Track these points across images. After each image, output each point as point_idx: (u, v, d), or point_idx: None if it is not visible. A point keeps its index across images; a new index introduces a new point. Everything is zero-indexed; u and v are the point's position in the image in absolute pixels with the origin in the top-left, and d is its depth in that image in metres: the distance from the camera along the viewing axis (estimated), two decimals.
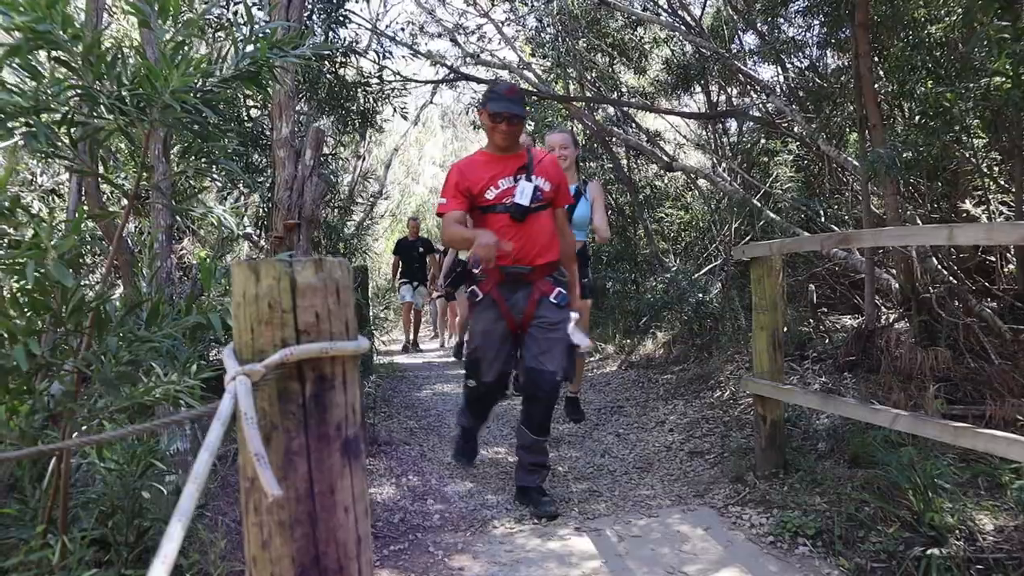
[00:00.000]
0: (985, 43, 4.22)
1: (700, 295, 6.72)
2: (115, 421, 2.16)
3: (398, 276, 11.47)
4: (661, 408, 5.56)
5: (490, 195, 3.52)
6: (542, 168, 3.62)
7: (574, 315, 3.67)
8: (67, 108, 1.77)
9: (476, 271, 3.37)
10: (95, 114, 1.86)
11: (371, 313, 8.33)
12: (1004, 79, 4.16)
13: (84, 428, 1.94)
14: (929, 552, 2.73)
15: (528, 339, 3.57)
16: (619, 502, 3.72)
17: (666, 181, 9.92)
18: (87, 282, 5.69)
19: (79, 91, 1.76)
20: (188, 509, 0.73)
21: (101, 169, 2.01)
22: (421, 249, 11.14)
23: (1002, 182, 5.45)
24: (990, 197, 5.45)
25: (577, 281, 3.87)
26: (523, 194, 3.50)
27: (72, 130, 1.82)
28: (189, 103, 1.78)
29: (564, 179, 3.76)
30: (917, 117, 5.18)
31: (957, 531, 2.83)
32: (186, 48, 1.82)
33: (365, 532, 0.99)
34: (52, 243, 1.57)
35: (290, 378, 0.92)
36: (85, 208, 4.24)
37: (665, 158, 8.69)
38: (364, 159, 12.07)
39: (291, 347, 0.90)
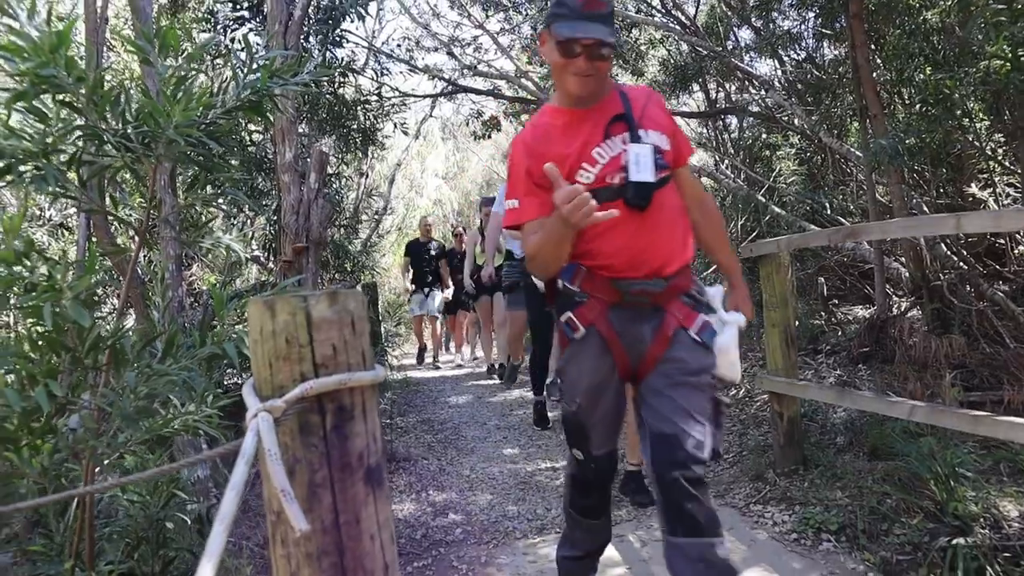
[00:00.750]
0: (983, 26, 4.21)
1: None
2: (135, 454, 2.18)
3: (408, 280, 10.42)
4: None
5: (586, 177, 2.16)
6: (649, 113, 2.26)
7: (738, 318, 2.34)
8: (74, 148, 1.80)
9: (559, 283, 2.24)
10: (101, 152, 1.88)
11: (383, 329, 8.36)
12: (1003, 62, 4.15)
13: (106, 463, 1.95)
14: (955, 542, 2.72)
15: (651, 392, 2.20)
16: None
17: None
18: (100, 314, 5.73)
19: (85, 131, 1.79)
20: (218, 549, 0.74)
21: (109, 203, 2.04)
22: (433, 252, 10.06)
23: (1007, 163, 5.44)
24: (996, 179, 5.43)
25: (740, 274, 2.56)
26: (639, 164, 2.14)
27: (80, 169, 1.85)
28: (193, 136, 1.80)
29: (673, 119, 2.37)
30: (918, 104, 5.17)
31: (982, 519, 2.82)
32: (187, 82, 1.84)
33: (392, 558, 1.00)
34: (67, 283, 1.59)
35: (310, 411, 0.93)
36: (95, 242, 4.28)
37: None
38: (367, 176, 12.11)
39: (310, 381, 0.91)
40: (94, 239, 4.26)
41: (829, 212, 6.65)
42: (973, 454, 3.24)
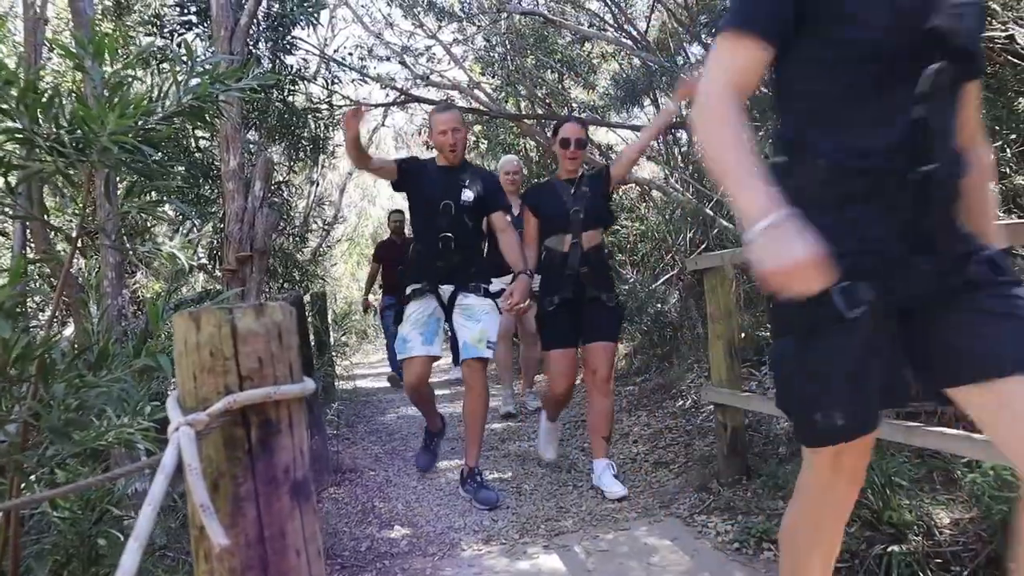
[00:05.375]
0: None
1: (659, 305, 6.79)
2: (66, 468, 2.12)
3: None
4: (625, 420, 5.59)
5: None
6: None
7: None
8: (2, 153, 1.75)
9: None
10: (32, 156, 1.83)
11: (331, 339, 8.25)
12: None
13: (33, 478, 1.89)
14: (890, 549, 2.79)
15: None
16: (586, 517, 3.73)
17: (620, 193, 10.02)
18: (37, 322, 5.56)
19: (14, 134, 1.74)
20: (132, 567, 0.72)
21: (47, 207, 1.99)
22: (471, 195, 4.07)
23: None
24: None
25: None
26: None
27: (9, 174, 1.79)
28: (128, 143, 1.76)
29: None
30: None
31: (916, 527, 2.89)
32: (124, 88, 1.81)
33: (319, 573, 0.98)
34: None
35: (235, 424, 0.92)
36: (32, 247, 4.16)
37: None
38: (318, 184, 11.99)
39: (234, 394, 0.90)
40: (31, 246, 4.14)
41: None
42: (908, 463, 3.32)
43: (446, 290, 4.10)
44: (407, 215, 4.75)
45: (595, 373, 4.03)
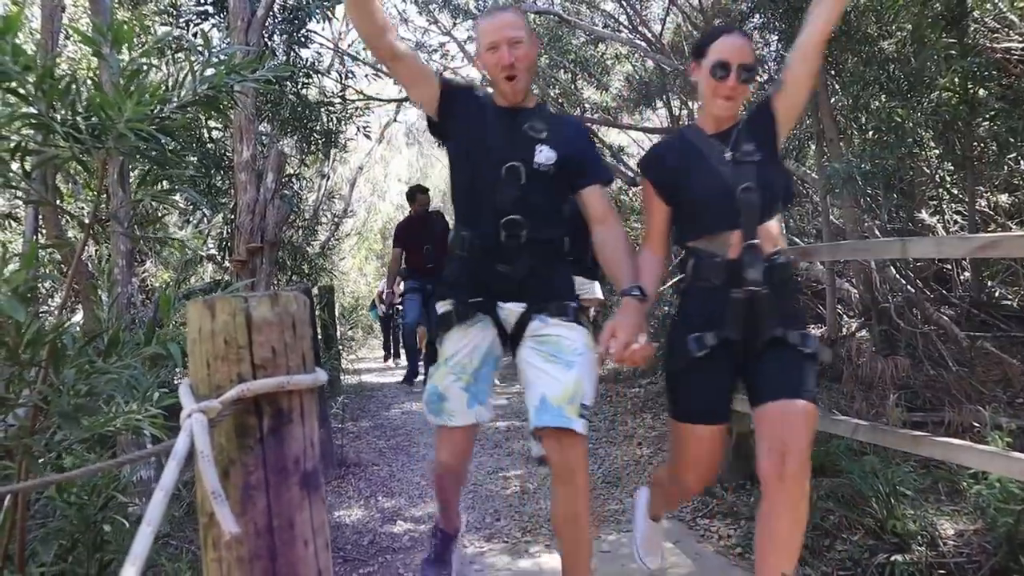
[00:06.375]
0: (935, 58, 4.34)
1: (666, 308, 6.77)
2: (74, 454, 2.13)
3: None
4: (630, 422, 5.58)
5: None
6: None
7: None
8: (19, 138, 1.75)
9: None
10: (48, 142, 1.84)
11: (338, 333, 8.26)
12: (952, 94, 4.27)
13: (41, 462, 1.90)
14: (893, 559, 2.78)
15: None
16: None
17: (631, 195, 10.01)
18: (46, 307, 5.59)
19: (31, 119, 1.74)
20: (142, 552, 0.72)
21: (63, 192, 2.00)
22: (549, 154, 2.37)
23: (955, 192, 5.59)
24: (945, 207, 5.58)
25: None
26: None
27: (25, 159, 1.80)
28: (144, 131, 1.77)
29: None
30: (872, 131, 5.29)
31: (919, 537, 2.88)
32: (141, 76, 1.81)
33: (326, 565, 0.99)
34: (3, 277, 1.54)
35: (247, 413, 0.92)
36: (44, 233, 4.18)
37: (629, 173, 8.78)
38: (328, 178, 12.00)
39: (248, 382, 0.90)
40: (43, 231, 4.16)
41: (785, 232, 6.77)
42: (913, 473, 3.31)
43: (511, 311, 2.42)
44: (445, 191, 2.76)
45: (783, 457, 2.14)
